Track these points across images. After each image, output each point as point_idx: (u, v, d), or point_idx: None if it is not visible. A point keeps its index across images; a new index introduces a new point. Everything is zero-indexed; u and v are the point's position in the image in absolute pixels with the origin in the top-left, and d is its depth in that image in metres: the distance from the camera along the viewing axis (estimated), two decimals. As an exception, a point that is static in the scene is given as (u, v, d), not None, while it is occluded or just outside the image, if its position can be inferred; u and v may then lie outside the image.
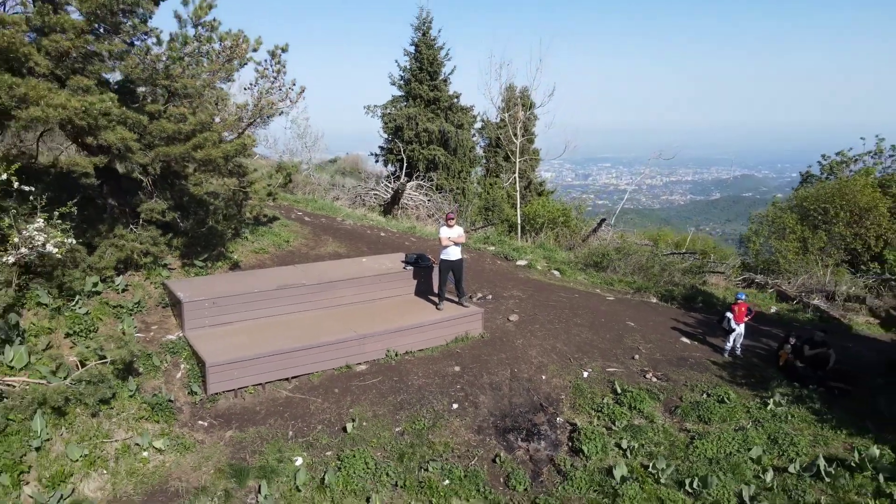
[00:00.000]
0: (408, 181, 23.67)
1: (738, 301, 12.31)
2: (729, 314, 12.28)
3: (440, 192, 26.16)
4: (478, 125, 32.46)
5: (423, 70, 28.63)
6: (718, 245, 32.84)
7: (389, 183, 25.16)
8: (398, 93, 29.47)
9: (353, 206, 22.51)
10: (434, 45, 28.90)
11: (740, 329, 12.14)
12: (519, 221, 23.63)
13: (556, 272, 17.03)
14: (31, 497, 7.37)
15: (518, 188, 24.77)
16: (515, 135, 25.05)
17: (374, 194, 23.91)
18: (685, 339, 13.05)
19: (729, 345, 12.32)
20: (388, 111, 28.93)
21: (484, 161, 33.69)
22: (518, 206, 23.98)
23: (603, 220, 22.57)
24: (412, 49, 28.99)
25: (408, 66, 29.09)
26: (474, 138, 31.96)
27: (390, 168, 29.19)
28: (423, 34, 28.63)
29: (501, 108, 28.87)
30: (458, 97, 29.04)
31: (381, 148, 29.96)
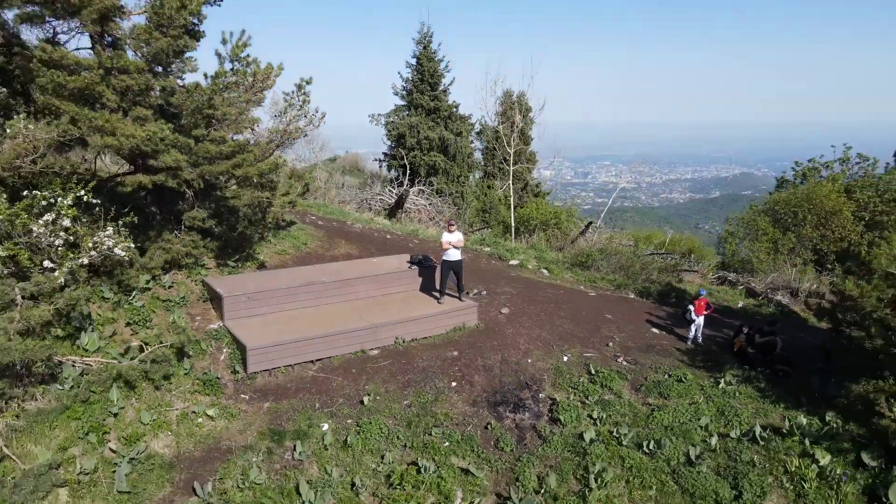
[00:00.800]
0: (410, 187, 25.43)
1: (700, 297, 14.11)
2: (691, 307, 14.07)
3: (440, 196, 27.93)
4: (476, 129, 34.23)
5: (425, 81, 30.38)
6: (704, 245, 34.57)
7: (393, 188, 26.92)
8: (401, 102, 31.24)
9: (360, 210, 24.30)
10: (434, 57, 30.65)
11: (699, 321, 13.93)
12: (513, 224, 25.39)
13: (545, 271, 18.82)
14: (114, 451, 9.16)
15: (512, 194, 26.53)
16: (510, 143, 26.79)
17: (380, 199, 25.70)
18: (655, 330, 14.85)
19: (691, 334, 14.11)
20: (392, 119, 30.70)
21: (482, 164, 35.43)
22: (512, 210, 25.74)
23: (590, 224, 24.36)
24: (414, 61, 30.75)
25: (410, 78, 30.84)
26: (472, 145, 33.70)
27: (393, 173, 30.94)
28: (425, 48, 30.37)
29: (497, 122, 30.59)
30: (457, 107, 30.82)
31: (385, 154, 31.75)
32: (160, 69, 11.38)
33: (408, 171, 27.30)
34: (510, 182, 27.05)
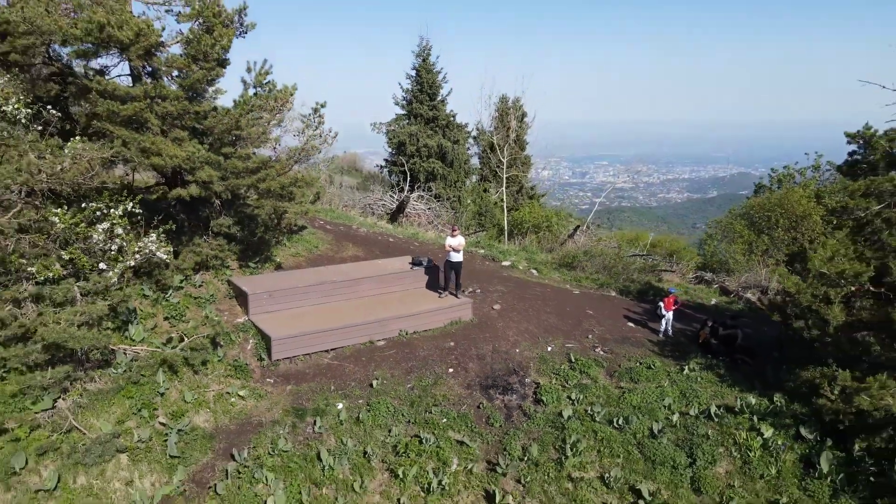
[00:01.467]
0: (411, 193, 27.04)
1: (669, 294, 15.75)
2: (661, 303, 15.71)
3: (438, 201, 29.54)
4: (473, 133, 35.83)
5: (424, 92, 31.99)
6: (692, 246, 36.19)
7: (394, 194, 28.52)
8: (401, 112, 32.84)
9: (364, 214, 25.90)
10: (433, 69, 32.24)
11: (669, 315, 15.56)
12: (506, 227, 27.02)
13: (534, 271, 20.44)
14: (163, 424, 10.77)
15: (505, 199, 28.15)
16: (503, 153, 28.42)
17: (382, 204, 27.31)
18: (631, 324, 16.48)
19: (662, 327, 15.75)
20: (393, 128, 32.29)
21: (479, 168, 37.03)
22: (505, 214, 27.37)
23: (577, 228, 26.00)
24: (413, 73, 32.35)
25: (409, 89, 32.44)
26: (469, 151, 35.32)
27: (394, 178, 32.54)
28: (423, 60, 31.98)
29: (493, 127, 32.24)
30: (454, 116, 32.44)
31: (386, 160, 33.37)
32: (194, 95, 12.97)
33: (408, 178, 28.87)
34: (503, 189, 28.66)
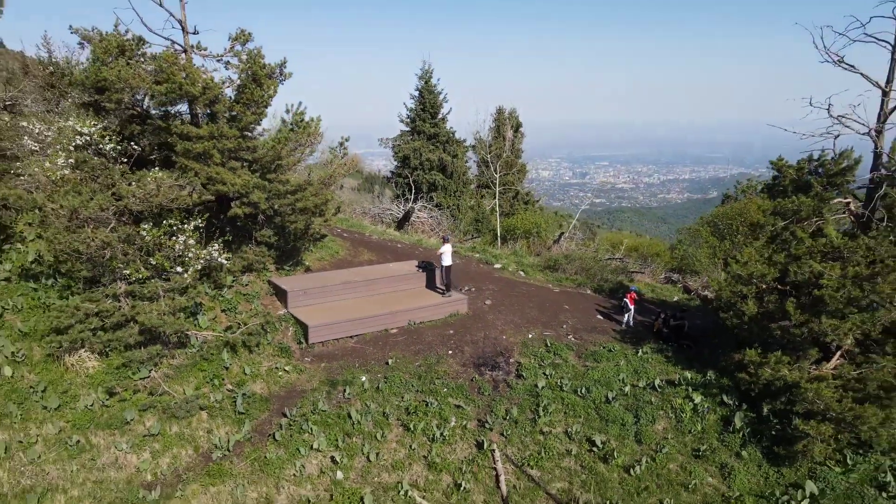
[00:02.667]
0: (415, 203, 30.18)
1: (630, 291, 18.90)
2: (626, 299, 18.85)
3: (439, 209, 32.69)
4: (472, 142, 39.00)
5: (426, 111, 35.16)
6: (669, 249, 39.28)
7: (400, 203, 31.68)
8: (405, 129, 36.01)
9: (374, 223, 29.04)
10: (434, 90, 35.43)
11: (632, 309, 18.70)
12: (499, 233, 30.18)
13: (522, 272, 23.59)
14: (230, 390, 13.92)
15: (498, 208, 31.30)
16: (496, 170, 31.58)
17: (390, 213, 30.46)
18: (600, 317, 19.62)
19: (625, 319, 18.89)
20: (398, 143, 35.47)
21: (476, 175, 40.19)
22: (498, 222, 30.53)
23: (562, 234, 29.14)
24: (416, 94, 35.52)
25: (413, 108, 35.61)
26: (468, 160, 38.49)
27: (399, 189, 35.67)
28: (426, 82, 35.16)
29: (490, 143, 35.44)
30: (454, 133, 35.61)
31: (392, 172, 36.54)
32: (246, 133, 16.14)
33: (413, 189, 32.02)
34: (497, 201, 31.82)
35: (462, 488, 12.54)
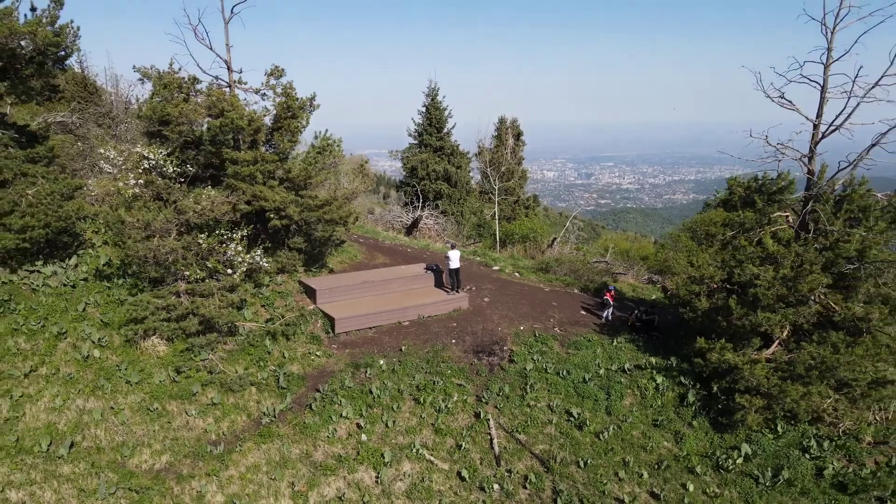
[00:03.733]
0: (422, 211, 33.06)
1: (609, 290, 21.69)
2: (606, 296, 21.64)
3: (445, 216, 35.55)
4: (475, 150, 41.86)
5: (432, 125, 38.07)
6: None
7: (409, 211, 34.57)
8: (413, 142, 38.92)
9: (386, 229, 31.90)
10: (440, 106, 38.34)
11: (611, 305, 21.48)
12: (498, 238, 33.01)
13: (517, 274, 26.40)
14: (273, 370, 16.80)
15: (497, 215, 34.13)
16: (495, 182, 34.42)
17: (400, 220, 33.34)
18: (583, 312, 22.42)
19: (604, 314, 21.68)
20: (407, 155, 38.38)
21: (479, 182, 43.01)
22: (497, 228, 33.37)
23: (555, 239, 31.94)
24: (423, 110, 38.42)
25: (420, 122, 38.52)
26: (471, 165, 41.32)
27: (407, 197, 38.58)
28: (432, 99, 38.06)
29: (487, 162, 38.31)
30: (458, 146, 38.49)
31: (401, 182, 39.43)
32: (282, 157, 19.04)
33: (420, 198, 34.92)
34: (496, 209, 34.67)
35: (462, 448, 15.37)
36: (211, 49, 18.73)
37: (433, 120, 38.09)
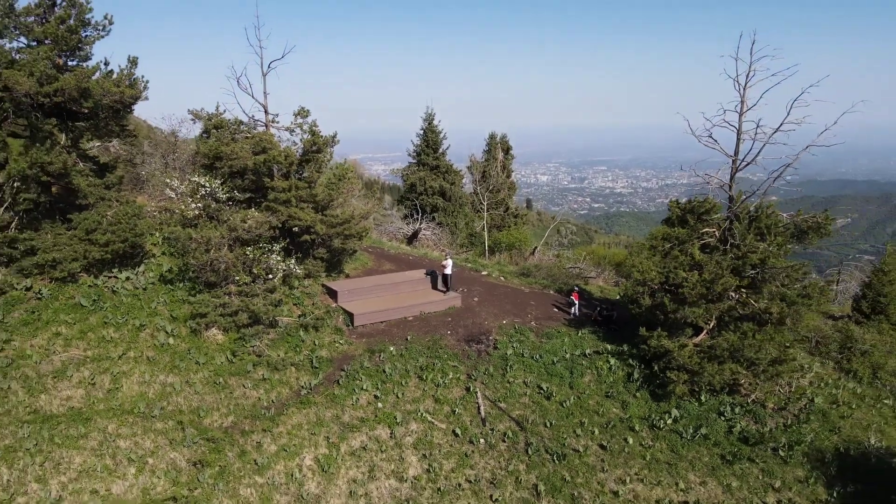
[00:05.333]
0: (421, 223, 37.27)
1: (574, 290, 25.94)
2: (572, 296, 25.87)
3: (440, 227, 39.75)
4: (467, 164, 46.07)
5: (429, 146, 42.29)
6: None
7: (409, 222, 38.78)
8: (412, 161, 43.13)
9: (390, 239, 36.05)
10: (436, 129, 42.57)
11: (576, 303, 25.72)
12: (486, 247, 37.24)
13: (502, 278, 30.60)
14: (306, 354, 20.93)
15: (486, 228, 38.35)
16: (483, 198, 38.68)
17: (401, 231, 37.53)
18: (556, 309, 26.63)
19: (572, 310, 25.91)
20: (406, 173, 42.58)
21: (471, 194, 47.13)
22: (486, 238, 37.61)
23: (535, 248, 36.18)
24: (421, 132, 42.65)
25: (418, 144, 42.75)
26: (465, 185, 45.54)
27: (406, 210, 42.73)
28: (429, 124, 42.30)
29: (476, 183, 42.60)
30: (451, 165, 42.73)
31: (402, 196, 43.62)
32: (311, 184, 23.22)
33: (419, 211, 39.14)
34: (485, 222, 38.92)
35: (456, 413, 19.53)
36: (252, 97, 22.92)
37: (430, 142, 42.30)
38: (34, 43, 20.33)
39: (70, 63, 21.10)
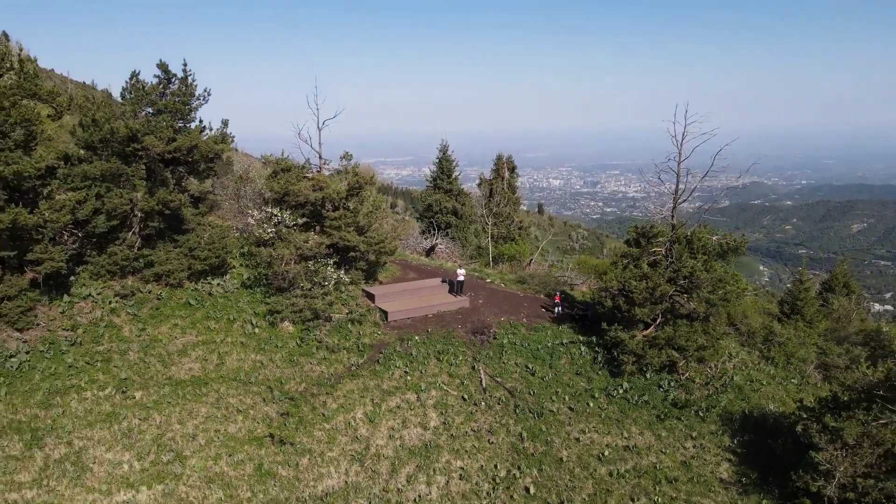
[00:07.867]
0: (437, 238, 43.73)
1: (556, 294, 32.28)
2: (555, 298, 32.19)
3: (453, 241, 46.17)
4: (477, 181, 52.45)
5: (444, 173, 48.79)
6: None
7: (427, 237, 45.27)
8: (429, 184, 49.67)
9: (412, 252, 42.53)
10: (450, 158, 49.06)
11: (558, 304, 32.01)
12: (490, 258, 43.65)
13: (503, 284, 36.94)
14: (354, 341, 27.46)
15: (490, 243, 44.74)
16: (488, 217, 45.10)
17: (421, 245, 44.02)
18: (544, 309, 32.94)
19: (556, 310, 32.19)
20: (424, 195, 49.11)
21: (480, 209, 53.40)
22: (490, 250, 44.02)
23: (531, 259, 42.51)
24: (437, 160, 49.20)
25: (434, 171, 49.28)
26: (471, 192, 51.81)
27: (423, 225, 49.14)
28: (444, 154, 48.84)
29: (492, 177, 48.98)
30: (462, 188, 49.21)
31: (421, 215, 50.20)
32: (354, 213, 29.82)
33: (435, 227, 45.66)
34: (489, 238, 45.32)
35: (464, 384, 25.94)
36: (310, 146, 29.57)
37: (444, 169, 48.76)
38: (157, 112, 27.12)
39: (180, 124, 27.88)
